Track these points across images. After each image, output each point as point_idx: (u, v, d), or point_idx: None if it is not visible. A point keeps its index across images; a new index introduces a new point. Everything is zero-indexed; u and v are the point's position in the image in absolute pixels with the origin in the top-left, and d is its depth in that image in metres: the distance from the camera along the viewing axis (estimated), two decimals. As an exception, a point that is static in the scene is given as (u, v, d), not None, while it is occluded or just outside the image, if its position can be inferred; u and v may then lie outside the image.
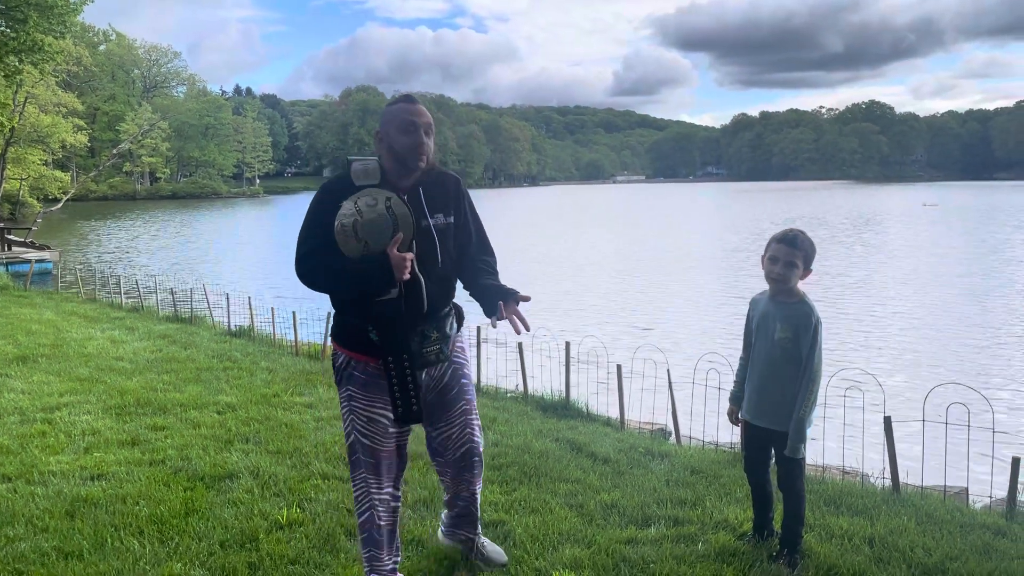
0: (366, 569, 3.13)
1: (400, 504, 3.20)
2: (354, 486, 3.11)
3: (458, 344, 3.21)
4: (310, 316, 10.30)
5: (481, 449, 3.27)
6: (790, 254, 3.39)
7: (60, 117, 45.00)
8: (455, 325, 3.15)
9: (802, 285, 3.51)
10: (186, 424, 5.88)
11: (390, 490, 3.10)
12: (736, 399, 3.70)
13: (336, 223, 2.82)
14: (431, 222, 2.99)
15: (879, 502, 4.27)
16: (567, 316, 16.21)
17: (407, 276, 2.84)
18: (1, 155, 33.65)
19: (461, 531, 3.42)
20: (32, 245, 27.67)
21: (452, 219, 3.06)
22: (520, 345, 7.26)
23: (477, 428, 3.24)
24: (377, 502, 3.06)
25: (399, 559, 3.23)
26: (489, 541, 3.50)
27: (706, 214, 61.69)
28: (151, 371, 7.92)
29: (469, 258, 3.15)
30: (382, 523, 3.08)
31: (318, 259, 2.89)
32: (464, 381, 3.20)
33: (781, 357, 3.42)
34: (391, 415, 2.99)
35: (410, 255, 2.84)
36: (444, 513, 3.52)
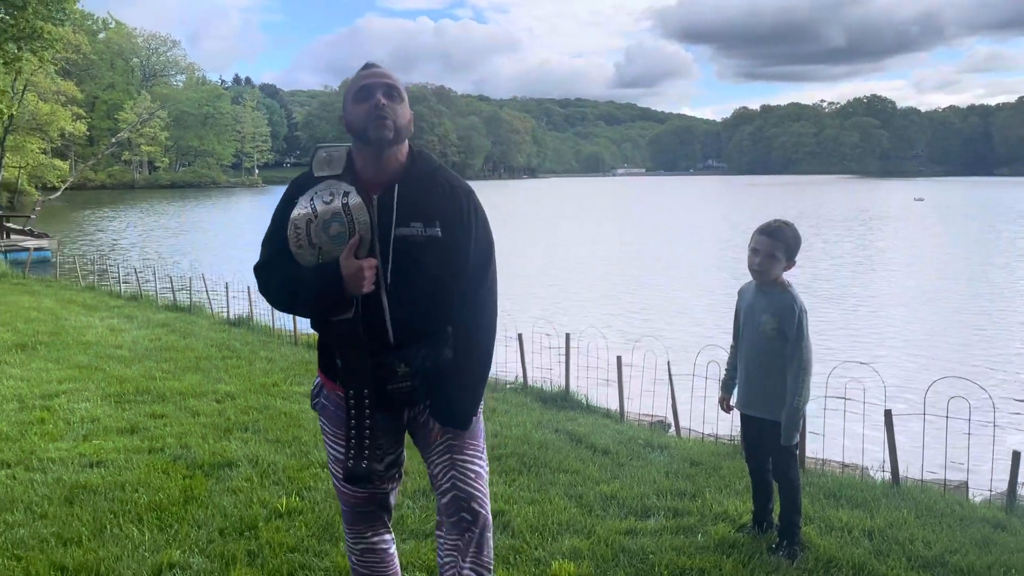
0: None
1: (391, 547, 2.62)
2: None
3: None
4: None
5: (480, 506, 2.39)
6: (771, 246, 3.38)
7: (59, 105, 44.90)
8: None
9: (793, 276, 3.51)
10: (185, 412, 5.87)
11: (372, 537, 2.55)
12: (727, 387, 3.72)
13: (289, 224, 2.23)
14: (404, 231, 2.26)
15: (879, 495, 4.27)
16: (567, 308, 16.18)
17: (366, 290, 2.19)
18: (0, 143, 33.58)
19: None
20: (31, 233, 27.66)
21: (439, 232, 2.27)
22: (520, 336, 7.25)
23: (472, 475, 2.40)
24: (357, 552, 2.58)
25: None
26: None
27: (708, 207, 61.56)
28: (150, 359, 7.91)
29: (459, 294, 2.34)
30: (363, 571, 2.59)
31: (275, 269, 2.29)
32: None
33: (767, 347, 3.43)
34: None
35: (370, 263, 2.20)
36: None
